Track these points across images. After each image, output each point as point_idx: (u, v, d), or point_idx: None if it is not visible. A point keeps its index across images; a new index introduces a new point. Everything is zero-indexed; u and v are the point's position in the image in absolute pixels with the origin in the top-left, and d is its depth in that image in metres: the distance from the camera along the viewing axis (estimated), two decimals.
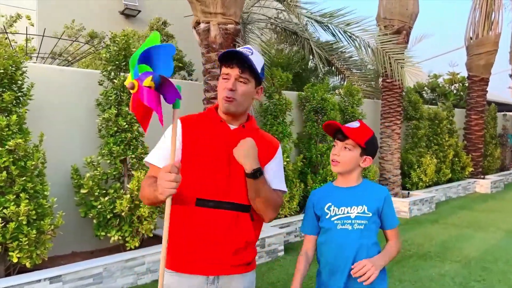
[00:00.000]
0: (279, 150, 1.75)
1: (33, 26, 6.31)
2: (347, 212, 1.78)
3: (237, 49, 1.64)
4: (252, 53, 1.63)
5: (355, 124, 1.81)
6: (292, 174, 5.81)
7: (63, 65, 6.35)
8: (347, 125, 1.80)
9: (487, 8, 10.63)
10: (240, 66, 1.60)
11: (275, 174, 1.70)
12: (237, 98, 1.60)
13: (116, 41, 4.21)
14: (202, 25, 4.81)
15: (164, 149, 1.63)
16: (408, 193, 8.28)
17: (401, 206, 7.46)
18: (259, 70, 1.65)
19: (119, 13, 10.52)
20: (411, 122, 9.12)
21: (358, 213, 1.77)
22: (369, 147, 1.80)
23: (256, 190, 1.57)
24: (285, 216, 5.76)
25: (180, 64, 8.77)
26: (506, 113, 14.86)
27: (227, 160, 1.61)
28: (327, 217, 1.81)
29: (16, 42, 5.85)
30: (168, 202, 1.47)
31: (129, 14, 10.65)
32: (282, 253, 5.02)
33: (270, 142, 1.74)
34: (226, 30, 4.78)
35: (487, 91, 11.07)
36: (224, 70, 1.62)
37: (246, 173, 1.55)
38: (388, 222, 1.82)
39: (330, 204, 1.81)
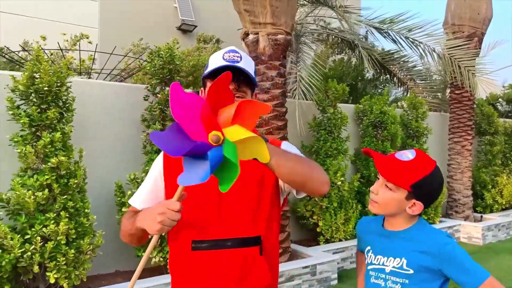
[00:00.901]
0: (284, 144, 1.44)
1: (91, 43, 6.46)
2: (383, 264, 1.40)
3: (223, 53, 1.37)
4: (241, 58, 1.37)
5: (407, 156, 1.35)
6: (348, 195, 5.35)
7: (117, 81, 6.44)
8: (397, 154, 1.36)
9: None
10: (235, 80, 1.32)
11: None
12: None
13: (161, 55, 4.10)
14: (250, 36, 4.59)
15: (145, 191, 1.44)
16: (481, 216, 7.41)
17: (473, 231, 6.67)
18: (254, 75, 1.39)
19: (176, 28, 10.70)
20: (484, 137, 8.24)
21: (394, 267, 1.36)
22: (419, 191, 1.33)
23: (281, 166, 1.17)
24: (340, 240, 5.31)
25: None
26: None
27: (215, 187, 1.27)
28: (366, 261, 1.48)
29: (75, 59, 6.02)
30: (156, 237, 1.18)
31: (185, 29, 10.81)
32: (336, 281, 4.58)
33: (272, 142, 1.42)
34: (275, 41, 4.51)
35: None
36: (210, 83, 1.35)
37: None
38: (464, 282, 1.29)
39: (369, 248, 1.47)
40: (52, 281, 3.22)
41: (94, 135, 4.11)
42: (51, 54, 4.95)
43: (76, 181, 3.43)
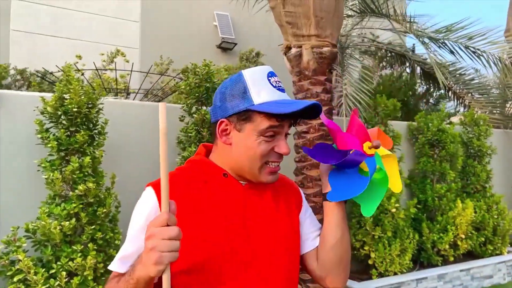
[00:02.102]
0: (301, 192, 1.30)
1: (127, 62, 6.37)
2: None
3: (267, 75, 1.09)
4: (280, 81, 1.12)
5: None
6: (403, 223, 4.79)
7: (155, 101, 6.28)
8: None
9: None
10: (294, 119, 1.12)
11: (314, 221, 1.26)
12: (288, 153, 1.11)
13: (197, 72, 3.82)
14: (293, 50, 4.24)
15: (132, 253, 1.06)
16: None
17: None
18: None
19: (216, 46, 10.59)
20: None
21: None
22: None
23: (340, 223, 1.17)
24: (395, 274, 4.73)
25: None
26: None
27: (246, 238, 1.06)
28: None
29: (112, 79, 5.92)
30: (166, 278, 0.87)
31: (225, 47, 10.67)
32: None
33: (291, 185, 1.29)
34: (320, 54, 4.13)
35: None
36: (272, 122, 1.05)
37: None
38: None
39: None
40: None
41: (127, 159, 3.87)
42: (82, 74, 4.82)
43: (105, 210, 3.16)
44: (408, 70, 7.99)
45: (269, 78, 1.08)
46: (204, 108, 3.91)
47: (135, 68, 6.92)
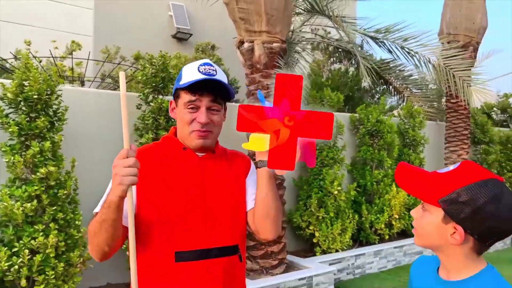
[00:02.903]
0: (253, 164, 1.52)
1: (80, 50, 6.39)
2: None
3: (198, 65, 1.37)
4: (216, 72, 1.37)
5: (449, 168, 1.05)
6: (344, 204, 5.28)
7: (111, 89, 6.36)
8: (441, 169, 1.07)
9: None
10: (213, 93, 1.36)
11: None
12: (214, 131, 1.38)
13: (153, 63, 4.03)
14: (246, 45, 4.55)
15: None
16: None
17: None
18: (230, 88, 1.41)
19: (171, 36, 10.67)
20: (479, 146, 8.22)
21: None
22: (456, 210, 0.98)
23: (273, 188, 1.37)
24: (336, 251, 5.22)
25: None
26: None
27: (201, 196, 1.34)
28: None
29: (65, 66, 5.94)
30: (130, 199, 1.17)
31: (181, 37, 10.77)
32: None
33: (241, 156, 1.54)
34: (271, 49, 4.47)
35: None
36: (189, 97, 1.35)
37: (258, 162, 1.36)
38: None
39: None
40: None
41: (86, 144, 4.02)
42: (40, 61, 4.86)
43: (65, 192, 3.33)
44: (355, 66, 8.56)
45: (200, 67, 1.36)
46: (161, 97, 4.13)
47: (84, 56, 6.94)
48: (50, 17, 8.33)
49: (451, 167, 1.04)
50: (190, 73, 1.36)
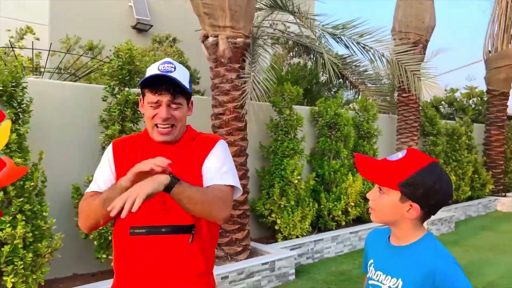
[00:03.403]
0: (217, 145, 1.58)
1: (38, 40, 6.24)
2: (380, 281, 1.30)
3: (159, 64, 1.49)
4: (175, 68, 1.49)
5: (397, 156, 1.27)
6: (304, 193, 5.57)
7: (71, 80, 6.27)
8: (389, 157, 1.29)
9: (506, 21, 10.35)
10: (171, 91, 1.47)
11: (215, 171, 1.51)
12: (176, 125, 1.50)
13: (120, 55, 4.08)
14: (210, 39, 4.67)
15: (103, 174, 1.53)
16: None
17: None
18: (188, 86, 1.51)
19: (131, 27, 10.52)
20: (428, 138, 8.82)
21: (389, 287, 1.27)
22: (411, 191, 1.20)
23: (182, 199, 1.34)
24: (297, 237, 5.50)
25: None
26: None
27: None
28: (368, 274, 1.40)
29: (23, 57, 5.79)
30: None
31: (141, 28, 10.65)
32: (293, 276, 4.76)
33: (205, 141, 1.59)
34: (235, 44, 4.63)
35: (507, 105, 10.71)
36: (151, 97, 1.47)
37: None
38: None
39: (371, 261, 1.39)
40: (9, 286, 3.13)
41: (52, 136, 4.02)
42: (5, 53, 4.75)
43: (32, 183, 3.36)
44: (313, 60, 8.86)
45: (160, 65, 1.48)
46: (127, 89, 4.19)
47: (44, 46, 6.77)
48: (4, 6, 8.01)
49: (400, 155, 1.26)
50: (150, 71, 1.50)
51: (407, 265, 1.23)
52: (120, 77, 4.11)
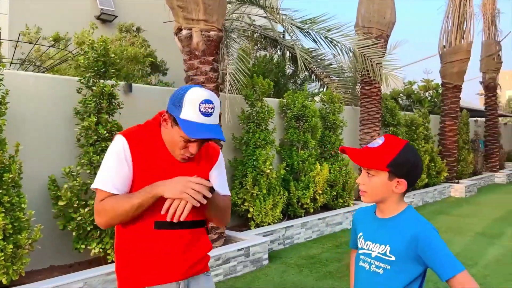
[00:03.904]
0: (220, 156, 1.78)
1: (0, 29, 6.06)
2: (370, 249, 1.50)
3: (200, 103, 1.51)
4: (214, 109, 1.53)
5: (378, 142, 1.47)
6: (275, 182, 5.79)
7: (39, 72, 6.14)
8: (369, 144, 1.49)
9: (459, 17, 10.98)
10: (206, 140, 1.59)
11: (220, 181, 1.75)
12: (195, 153, 1.61)
13: (95, 48, 4.10)
14: (184, 32, 4.75)
15: (121, 175, 1.56)
16: None
17: None
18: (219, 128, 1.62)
19: (95, 17, 10.31)
20: (388, 128, 9.28)
21: (379, 253, 1.46)
22: (398, 169, 1.42)
23: (211, 204, 1.58)
24: (268, 224, 5.73)
25: (156, 63, 8.69)
26: (477, 119, 15.33)
27: (172, 175, 1.59)
28: (358, 245, 1.60)
29: None
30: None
31: (105, 19, 10.46)
32: (267, 261, 4.97)
33: (209, 149, 1.75)
34: (209, 37, 4.73)
35: (460, 97, 11.40)
36: (186, 137, 1.53)
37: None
38: (439, 270, 1.36)
39: (361, 234, 1.58)
40: None
41: (28, 129, 3.99)
42: None
43: (11, 175, 3.35)
44: (281, 53, 9.08)
45: (201, 104, 1.50)
46: (102, 81, 4.21)
47: (3, 36, 6.56)
48: None
49: (380, 141, 1.46)
50: (192, 108, 1.50)
51: (393, 233, 1.45)
52: (96, 69, 4.12)
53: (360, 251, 1.55)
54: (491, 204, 9.55)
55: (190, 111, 1.50)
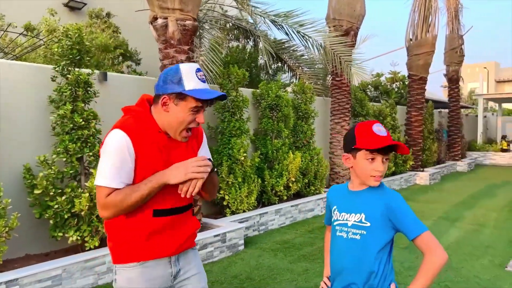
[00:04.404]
0: (204, 135, 1.94)
1: None
2: (346, 219, 1.65)
3: (195, 71, 1.63)
4: (204, 74, 1.74)
5: (383, 130, 1.60)
6: (250, 170, 5.91)
7: (9, 60, 5.98)
8: (380, 133, 1.57)
9: (425, 11, 11.38)
10: (210, 101, 1.67)
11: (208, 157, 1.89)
12: (203, 122, 1.73)
13: (69, 35, 4.07)
14: (159, 21, 4.76)
15: (125, 170, 1.61)
16: None
17: None
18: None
19: (62, 5, 10.04)
20: (358, 118, 9.57)
21: (355, 221, 1.62)
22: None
23: (210, 182, 1.74)
24: (244, 211, 5.86)
25: (127, 54, 8.59)
26: (441, 110, 15.98)
27: (167, 162, 1.69)
28: (333, 219, 1.74)
29: None
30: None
31: (74, 6, 10.20)
32: (243, 247, 5.11)
33: (200, 132, 1.90)
34: (184, 27, 4.76)
35: (425, 89, 11.86)
36: (196, 103, 1.61)
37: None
38: (407, 230, 1.54)
39: (335, 207, 1.73)
40: None
41: (1, 117, 3.93)
42: None
43: None
44: (252, 44, 9.17)
45: (196, 73, 1.62)
46: (77, 69, 4.18)
47: None
48: None
49: (384, 131, 1.58)
50: (191, 78, 1.61)
51: (367, 202, 1.62)
52: (71, 56, 4.09)
53: (335, 223, 1.70)
54: (453, 190, 10.07)
55: (192, 82, 1.61)
